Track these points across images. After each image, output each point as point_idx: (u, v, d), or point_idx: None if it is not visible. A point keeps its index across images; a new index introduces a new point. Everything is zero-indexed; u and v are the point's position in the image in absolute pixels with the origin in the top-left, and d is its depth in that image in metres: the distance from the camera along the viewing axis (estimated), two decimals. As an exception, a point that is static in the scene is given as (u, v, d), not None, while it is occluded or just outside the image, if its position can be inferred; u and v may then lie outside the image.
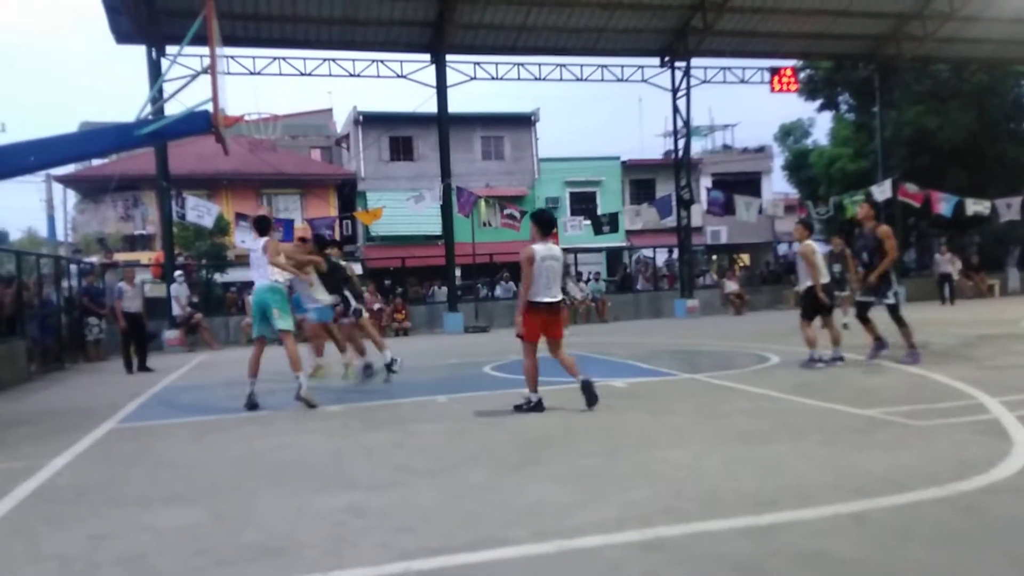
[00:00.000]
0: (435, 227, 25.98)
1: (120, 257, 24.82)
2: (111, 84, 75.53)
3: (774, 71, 23.42)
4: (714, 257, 35.76)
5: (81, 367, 14.90)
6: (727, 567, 2.99)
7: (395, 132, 32.04)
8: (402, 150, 32.70)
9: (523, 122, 34.30)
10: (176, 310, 18.02)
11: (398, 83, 21.25)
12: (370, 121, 32.08)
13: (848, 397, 6.61)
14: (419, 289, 25.85)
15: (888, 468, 4.27)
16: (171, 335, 17.84)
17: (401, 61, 20.98)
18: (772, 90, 23.25)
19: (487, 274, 25.32)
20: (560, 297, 6.74)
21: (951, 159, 27.34)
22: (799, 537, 3.27)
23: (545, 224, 6.77)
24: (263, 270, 7.94)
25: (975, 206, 23.92)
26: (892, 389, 7.08)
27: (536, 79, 22.28)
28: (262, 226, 8.26)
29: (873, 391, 7.01)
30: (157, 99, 12.00)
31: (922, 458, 4.48)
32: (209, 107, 9.01)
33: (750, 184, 35.21)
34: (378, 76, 20.92)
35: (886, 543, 3.15)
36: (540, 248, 6.58)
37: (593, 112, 74.71)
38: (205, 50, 11.09)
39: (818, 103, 32.01)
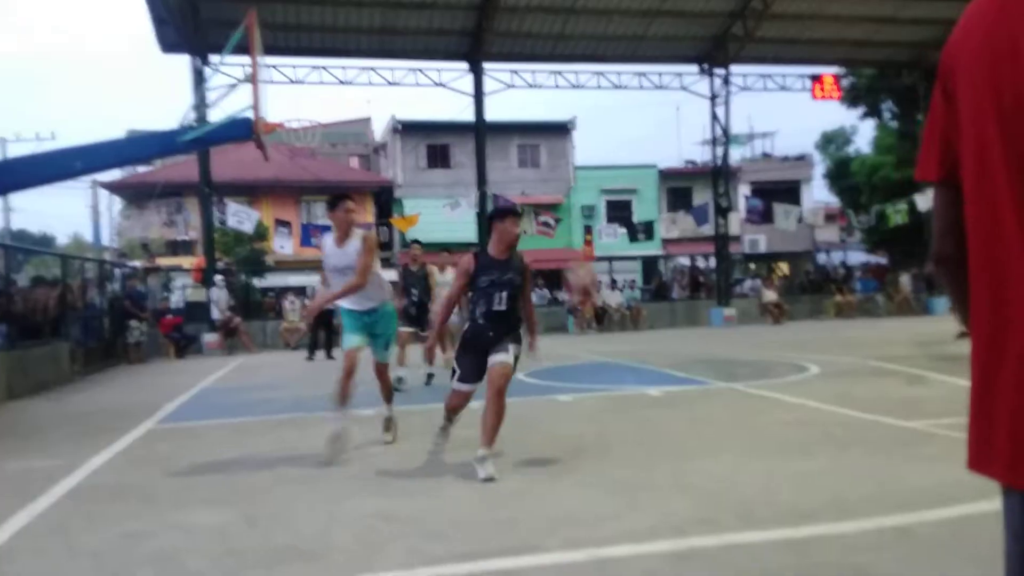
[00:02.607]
0: (471, 234, 26.01)
1: (163, 262, 25.29)
2: (157, 93, 77.30)
3: (815, 78, 23.08)
4: (752, 266, 35.29)
5: (122, 369, 15.18)
6: (764, 580, 2.90)
7: (432, 140, 32.23)
8: (439, 157, 32.90)
9: (560, 130, 34.28)
10: (215, 314, 18.29)
11: (436, 91, 21.42)
12: (408, 129, 32.33)
13: (891, 408, 6.43)
14: (454, 296, 25.93)
15: (934, 481, 4.12)
16: (210, 339, 18.12)
17: (439, 69, 21.13)
18: (813, 97, 22.93)
19: (522, 282, 25.27)
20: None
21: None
22: (839, 551, 3.17)
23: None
24: None
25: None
26: (936, 401, 6.88)
27: (573, 87, 22.25)
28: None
29: (917, 403, 6.81)
30: (200, 107, 12.21)
31: (968, 472, 4.32)
32: (250, 114, 9.15)
33: (789, 192, 34.70)
34: (416, 84, 21.09)
35: (932, 559, 3.03)
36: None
37: (630, 121, 74.49)
38: (247, 59, 11.26)
39: (860, 111, 31.50)
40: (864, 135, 65.34)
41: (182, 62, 19.46)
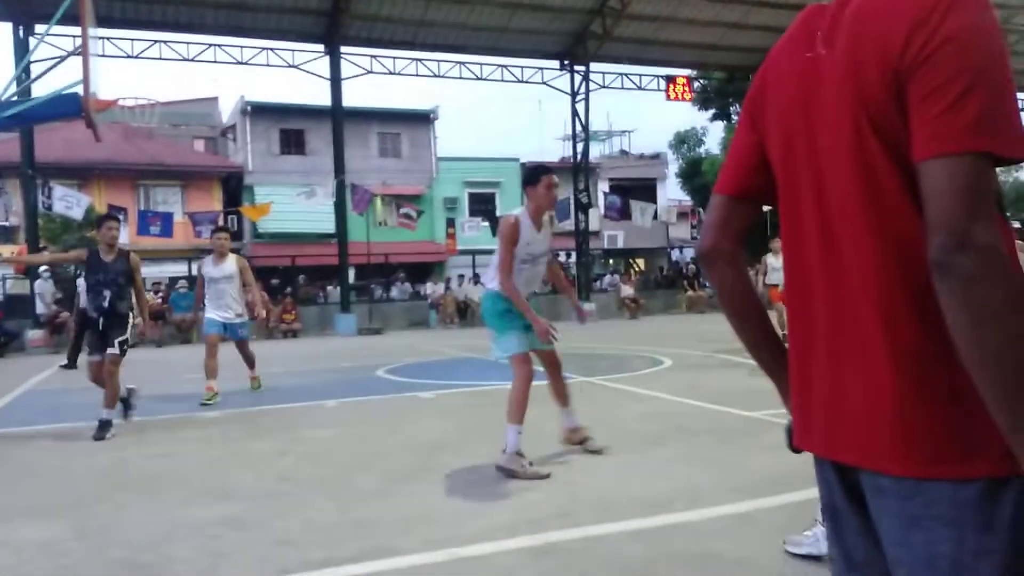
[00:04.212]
0: (328, 225, 25.26)
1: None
2: (-25, 63, 70.03)
3: (669, 79, 24.05)
4: (610, 261, 36.44)
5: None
6: (619, 571, 2.95)
7: (286, 124, 30.99)
8: (293, 143, 31.65)
9: (421, 120, 33.89)
10: (40, 308, 16.81)
11: (290, 73, 20.61)
12: (259, 112, 30.87)
13: (736, 399, 6.77)
14: (310, 289, 25.09)
15: (774, 468, 4.36)
16: (34, 335, 16.61)
17: (293, 51, 20.32)
18: (667, 98, 23.85)
19: (382, 275, 24.88)
20: None
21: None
22: (689, 538, 3.28)
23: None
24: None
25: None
26: (776, 392, 7.31)
27: (435, 76, 22.05)
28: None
29: (759, 393, 7.14)
30: (23, 80, 11.14)
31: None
32: (79, 89, 8.40)
33: (646, 190, 36.00)
34: (268, 65, 20.16)
35: (773, 542, 3.18)
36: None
37: (493, 113, 74.99)
38: (77, 30, 10.37)
39: (711, 113, 33.15)
40: (714, 136, 69.13)
41: (3, 30, 17.69)
